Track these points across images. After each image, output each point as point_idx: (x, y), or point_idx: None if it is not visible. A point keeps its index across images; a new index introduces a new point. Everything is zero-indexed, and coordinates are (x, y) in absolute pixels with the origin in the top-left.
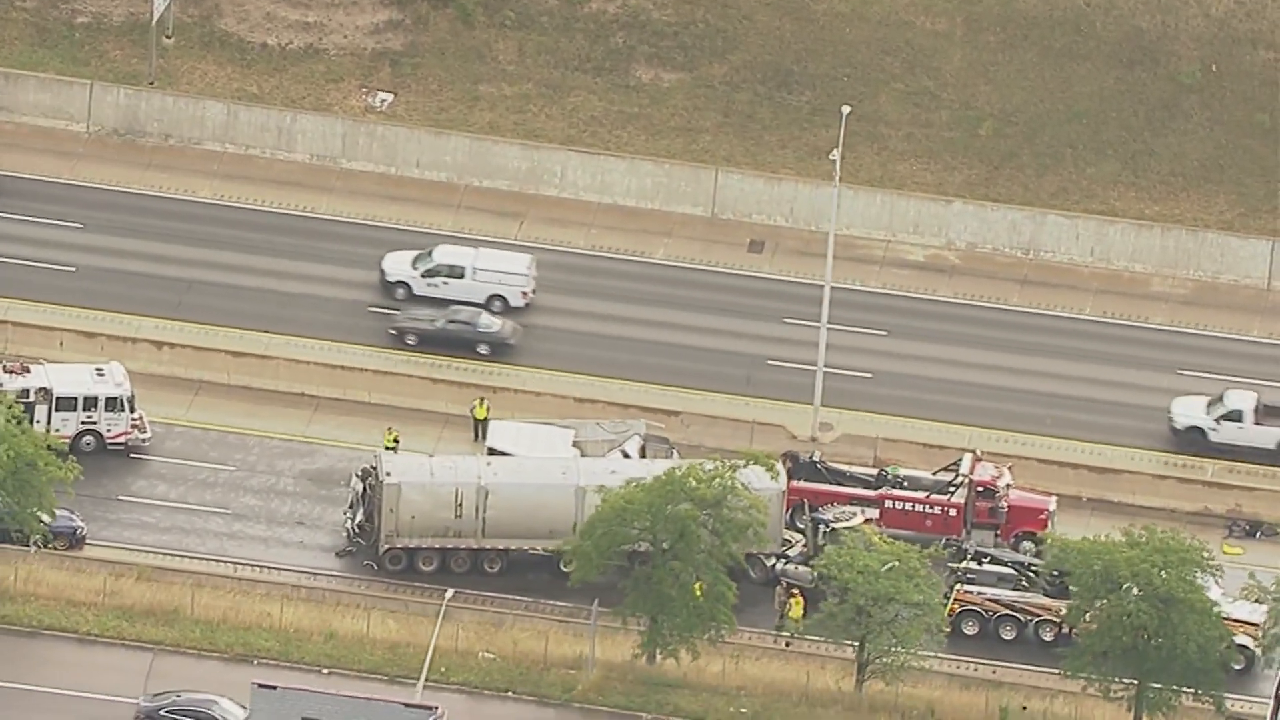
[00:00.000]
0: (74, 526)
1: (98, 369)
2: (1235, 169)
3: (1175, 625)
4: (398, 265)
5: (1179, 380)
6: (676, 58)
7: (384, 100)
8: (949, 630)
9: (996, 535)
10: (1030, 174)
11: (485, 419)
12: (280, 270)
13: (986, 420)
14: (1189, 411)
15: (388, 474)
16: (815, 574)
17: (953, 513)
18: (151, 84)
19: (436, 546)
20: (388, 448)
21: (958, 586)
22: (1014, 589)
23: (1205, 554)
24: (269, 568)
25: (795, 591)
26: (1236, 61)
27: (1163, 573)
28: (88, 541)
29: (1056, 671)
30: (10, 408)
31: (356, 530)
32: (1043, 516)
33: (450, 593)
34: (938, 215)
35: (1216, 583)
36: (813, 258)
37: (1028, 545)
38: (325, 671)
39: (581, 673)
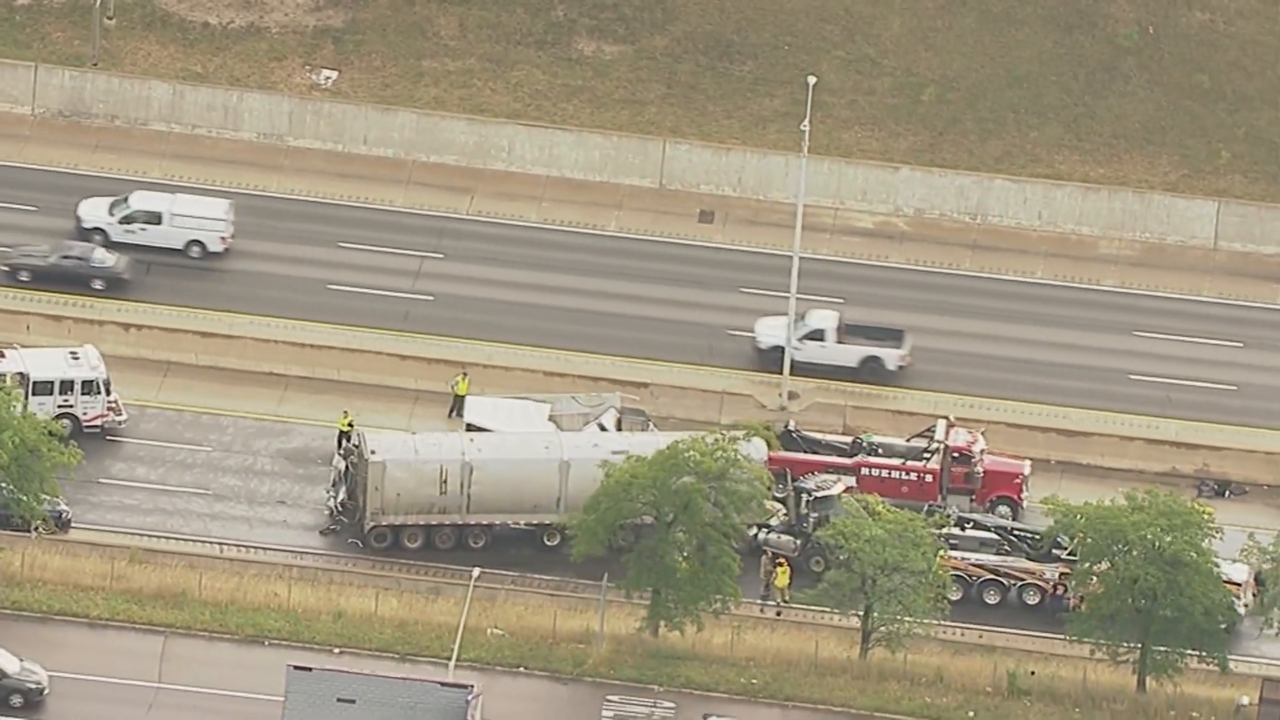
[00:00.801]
0: (59, 510)
1: (72, 353)
2: (1177, 130)
3: (1182, 588)
4: (94, 212)
5: (1136, 342)
6: (618, 30)
7: (328, 77)
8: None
9: (972, 500)
10: (974, 139)
11: (464, 395)
12: (239, 250)
13: (950, 386)
14: (772, 332)
15: (372, 452)
16: (816, 543)
17: (929, 479)
18: (95, 65)
19: (421, 523)
20: (343, 431)
21: (941, 552)
22: (996, 554)
23: (1206, 515)
24: (257, 548)
25: (781, 560)
26: (1173, 23)
27: (1168, 536)
28: (73, 525)
29: (1049, 636)
30: (10, 394)
31: (340, 508)
32: (1017, 481)
33: (477, 572)
34: (885, 182)
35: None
36: (763, 227)
37: (1003, 510)
38: (337, 651)
39: (591, 647)
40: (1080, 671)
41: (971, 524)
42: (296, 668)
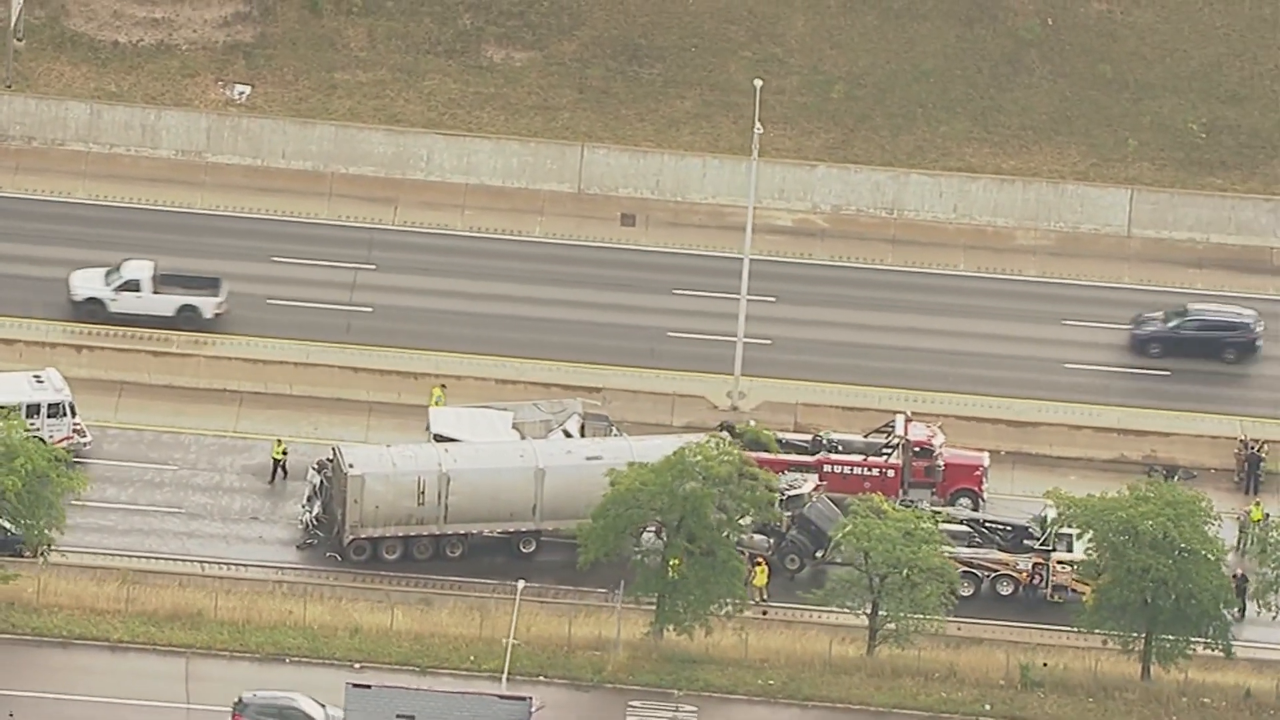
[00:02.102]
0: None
1: (35, 376)
2: (1083, 120)
3: (1191, 576)
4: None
5: (1066, 331)
6: (525, 37)
7: (241, 92)
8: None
9: (933, 494)
10: (885, 135)
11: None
12: (173, 266)
13: (894, 380)
14: (88, 283)
15: (351, 465)
16: (791, 542)
17: (890, 474)
18: (9, 87)
19: (400, 534)
20: (275, 460)
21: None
22: (968, 545)
23: (1206, 504)
24: (240, 565)
25: (759, 560)
26: (1072, 14)
27: (1175, 525)
28: (54, 549)
29: (1051, 628)
30: (17, 420)
31: (315, 522)
32: (978, 473)
33: (521, 584)
34: (802, 180)
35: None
36: (685, 228)
37: (965, 502)
38: (357, 666)
39: (608, 653)
40: (1085, 662)
41: (943, 516)
42: (355, 685)
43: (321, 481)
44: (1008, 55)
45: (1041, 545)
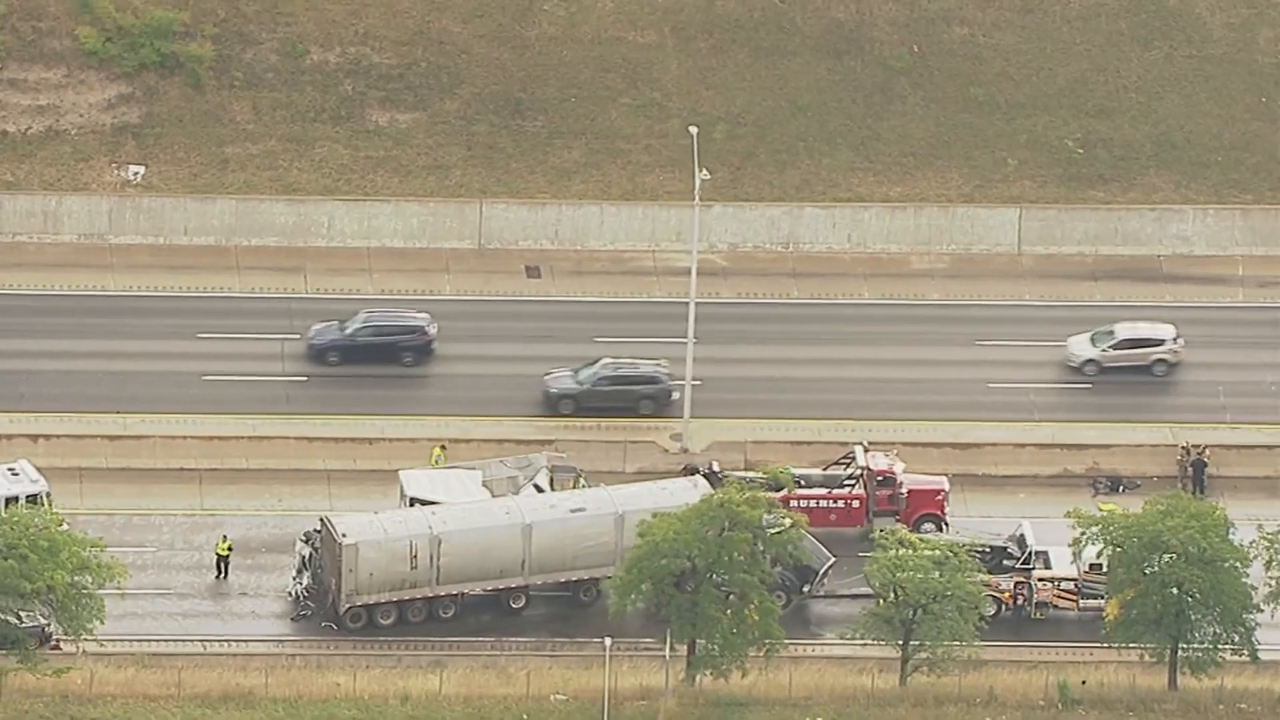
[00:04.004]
0: (40, 625)
1: (10, 468)
2: (961, 144)
3: (1222, 586)
4: None
5: (981, 351)
6: (408, 98)
7: (136, 173)
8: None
9: (897, 520)
10: (771, 171)
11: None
12: (98, 351)
13: (827, 412)
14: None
15: (344, 535)
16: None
17: (855, 504)
18: None
19: (394, 599)
20: (220, 555)
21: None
22: None
23: (1222, 513)
24: (246, 640)
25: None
26: (936, 41)
27: (1204, 536)
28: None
29: (1080, 645)
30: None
31: (306, 593)
32: (939, 498)
33: (609, 641)
34: (698, 220)
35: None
36: (590, 276)
37: (929, 526)
38: None
39: (656, 702)
40: (1115, 676)
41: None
42: None
43: (311, 553)
44: (880, 85)
45: (1022, 564)
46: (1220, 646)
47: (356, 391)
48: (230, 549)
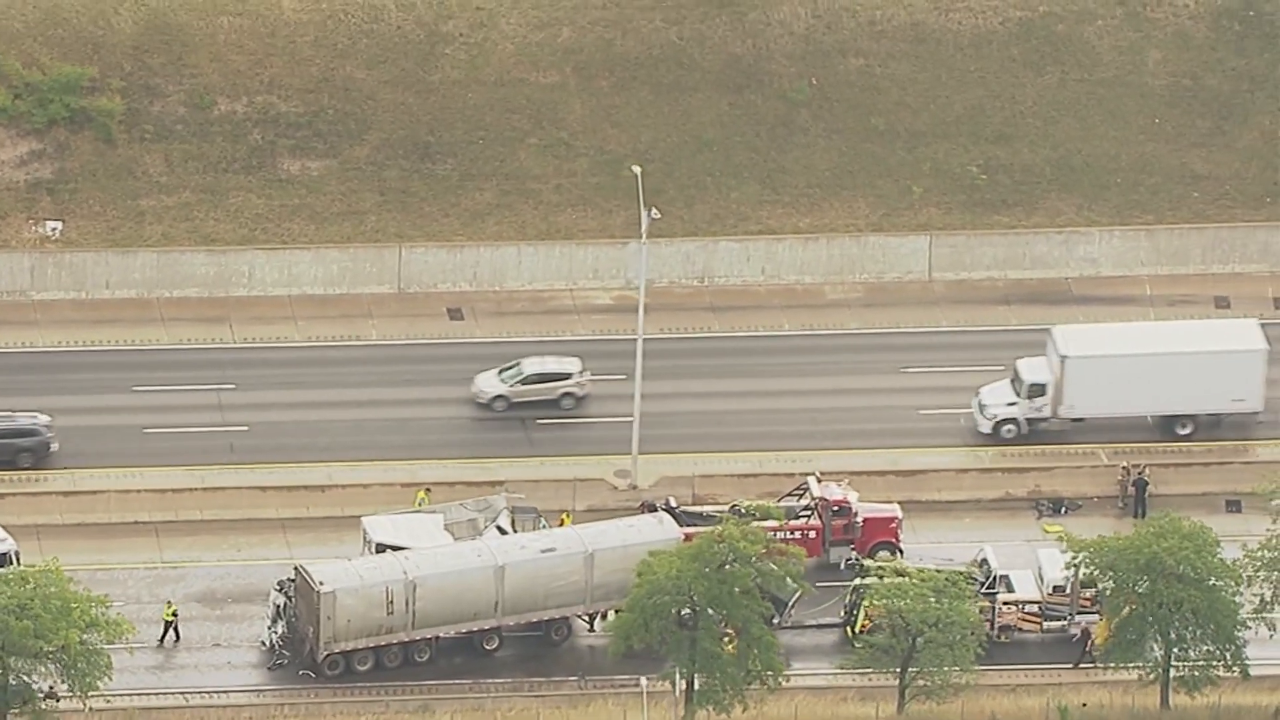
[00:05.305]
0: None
1: None
2: (865, 173)
3: (1217, 604)
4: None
5: (908, 378)
6: (317, 146)
7: (55, 228)
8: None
9: (853, 549)
10: (680, 206)
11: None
12: (41, 407)
13: (766, 444)
14: None
15: (321, 583)
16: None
17: (812, 535)
18: None
19: (371, 645)
20: (167, 621)
21: (864, 603)
22: None
23: (1212, 534)
24: (226, 691)
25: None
26: (833, 72)
27: (1198, 556)
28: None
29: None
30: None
31: (281, 643)
32: (894, 526)
33: (645, 681)
34: (614, 257)
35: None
36: (512, 316)
37: (884, 554)
38: None
39: None
40: (1110, 697)
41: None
42: None
43: (285, 601)
44: (781, 118)
45: (987, 589)
46: (1213, 664)
47: (299, 439)
48: (175, 614)
